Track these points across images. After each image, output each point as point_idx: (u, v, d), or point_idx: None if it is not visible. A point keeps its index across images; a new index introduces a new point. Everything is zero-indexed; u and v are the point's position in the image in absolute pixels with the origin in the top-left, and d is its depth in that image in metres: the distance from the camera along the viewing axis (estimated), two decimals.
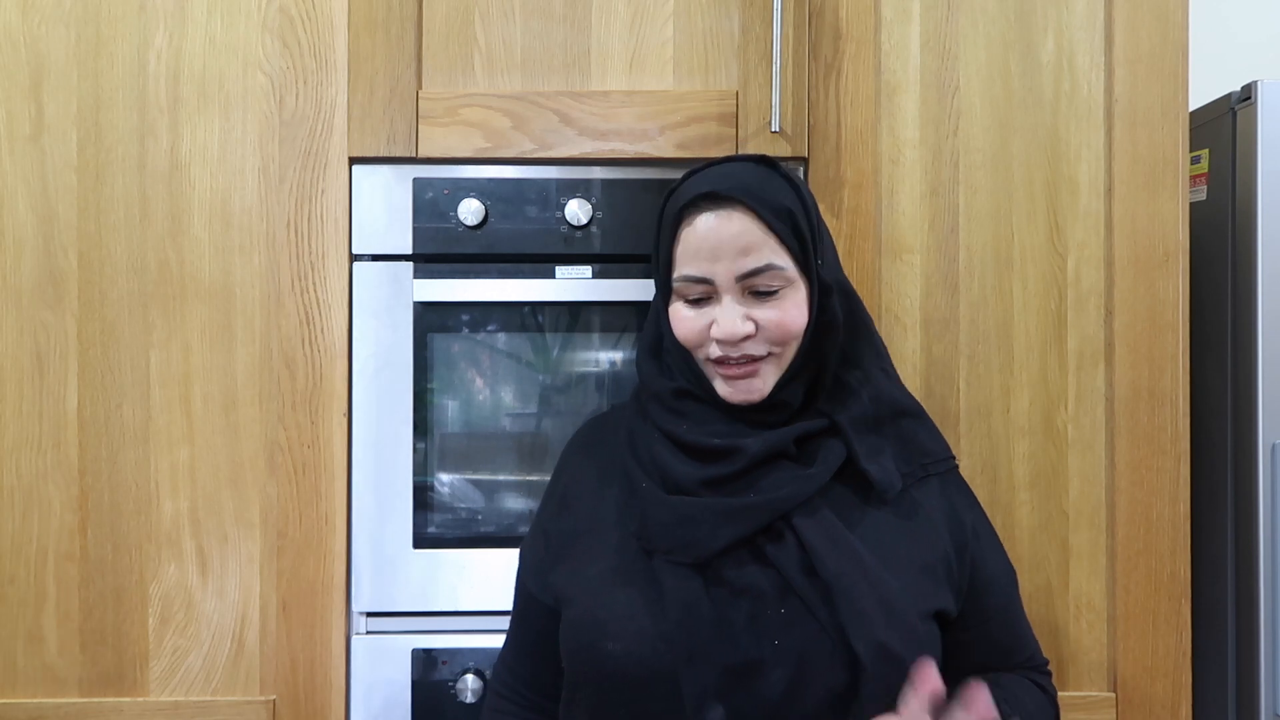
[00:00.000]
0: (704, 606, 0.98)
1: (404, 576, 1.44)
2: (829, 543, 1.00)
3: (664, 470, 1.05)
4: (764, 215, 1.02)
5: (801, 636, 0.97)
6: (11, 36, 1.44)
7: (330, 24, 1.45)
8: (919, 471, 1.09)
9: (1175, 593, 1.43)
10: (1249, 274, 1.49)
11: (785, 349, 1.04)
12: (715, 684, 0.96)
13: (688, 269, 1.04)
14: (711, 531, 1.00)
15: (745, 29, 1.45)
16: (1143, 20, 1.44)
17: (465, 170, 1.46)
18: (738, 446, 1.03)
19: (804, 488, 1.02)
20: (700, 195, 1.03)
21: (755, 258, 1.02)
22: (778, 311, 1.03)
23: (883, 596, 0.99)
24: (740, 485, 1.03)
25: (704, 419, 1.06)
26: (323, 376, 1.44)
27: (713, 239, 1.02)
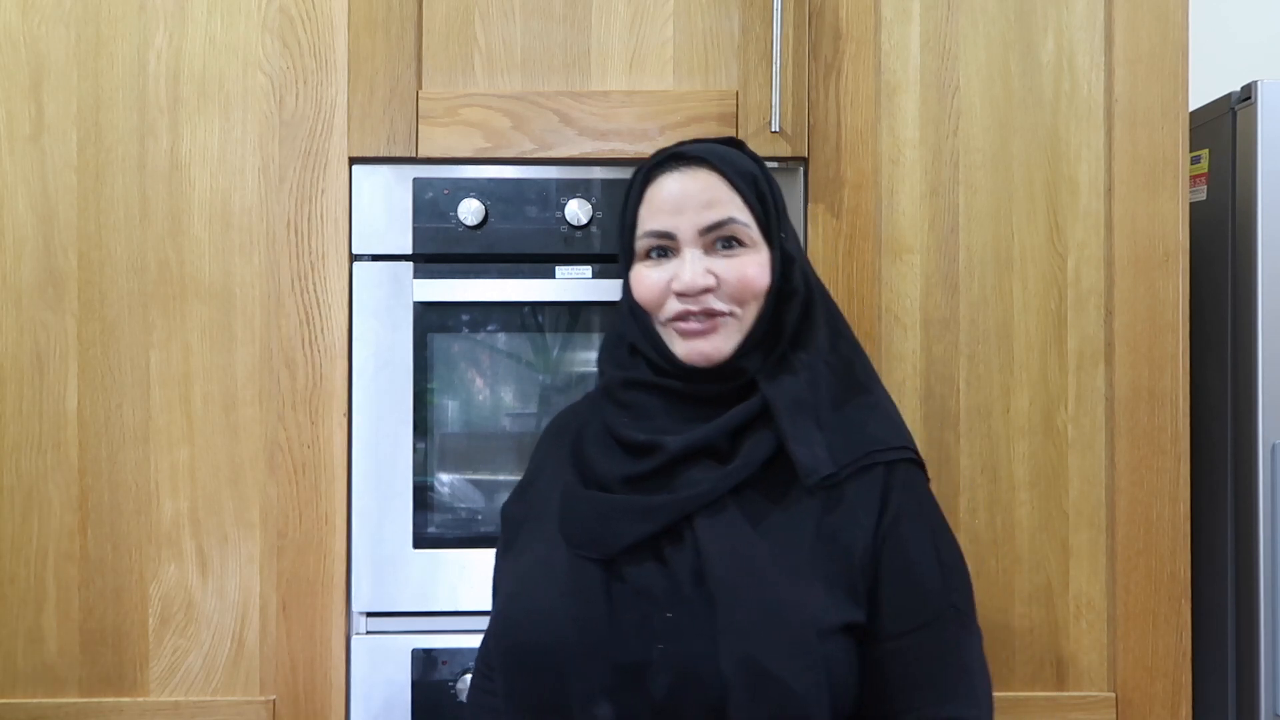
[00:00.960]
0: (602, 604, 0.98)
1: (404, 576, 1.44)
2: (723, 549, 0.97)
3: (589, 466, 1.05)
4: (728, 174, 1.04)
5: (685, 643, 0.95)
6: (11, 36, 1.44)
7: (330, 24, 1.44)
8: (864, 461, 1.02)
9: (1175, 593, 1.43)
10: (1249, 274, 1.49)
11: (745, 310, 1.03)
12: (605, 682, 0.96)
13: (651, 224, 1.04)
14: (616, 529, 1.00)
15: (745, 29, 1.45)
16: (1143, 20, 1.44)
17: (465, 170, 1.46)
18: (658, 444, 1.02)
19: (715, 487, 0.99)
20: (667, 156, 1.06)
21: (719, 211, 1.03)
22: (739, 266, 1.02)
23: (770, 609, 0.95)
24: (657, 483, 1.02)
25: (646, 411, 1.05)
26: (323, 376, 1.44)
27: (678, 193, 1.04)
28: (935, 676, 0.99)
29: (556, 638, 0.99)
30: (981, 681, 1.02)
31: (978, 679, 1.02)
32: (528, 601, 1.03)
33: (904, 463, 1.05)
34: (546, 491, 1.10)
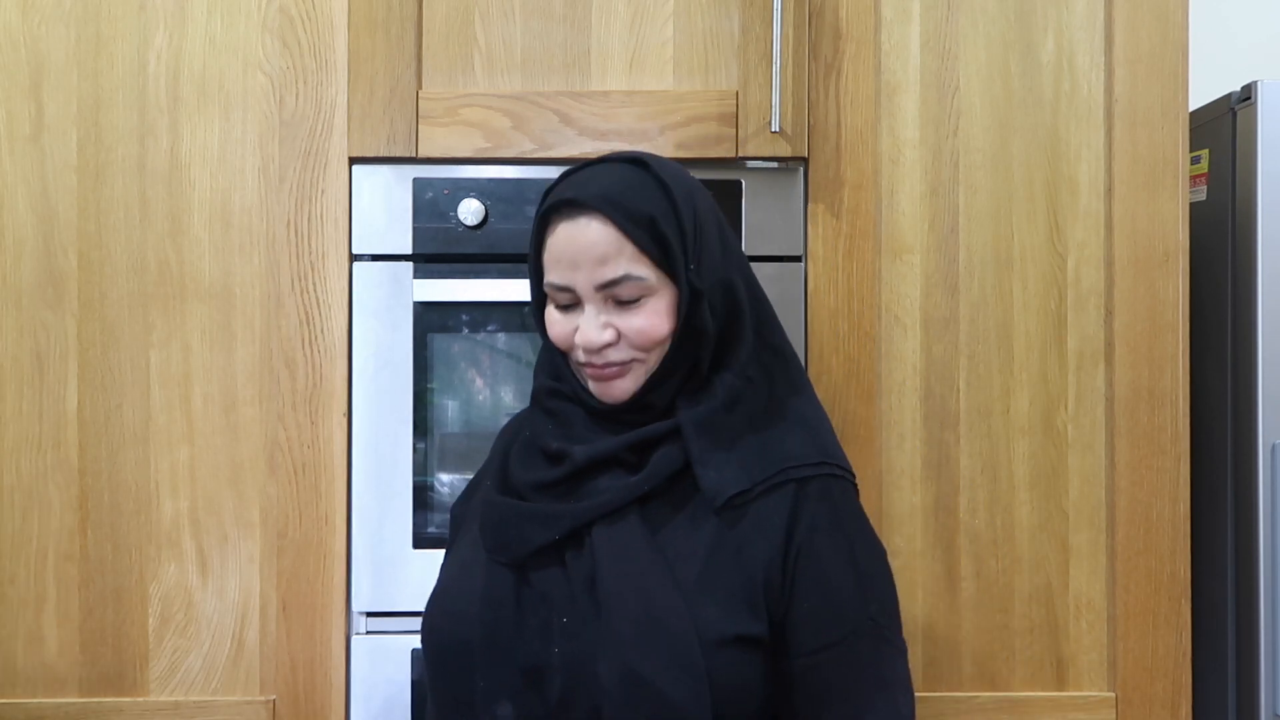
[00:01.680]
0: (510, 607, 1.01)
1: (404, 576, 1.44)
2: (616, 556, 0.99)
3: (505, 471, 1.08)
4: (621, 223, 1.00)
5: (577, 647, 0.97)
6: (11, 36, 1.44)
7: (330, 24, 1.44)
8: (777, 478, 1.01)
9: (1175, 593, 1.43)
10: (1249, 274, 1.49)
11: (649, 354, 1.03)
12: (509, 682, 0.99)
13: (552, 276, 1.04)
14: (523, 535, 1.02)
15: (745, 29, 1.45)
16: (1143, 20, 1.44)
17: (465, 170, 1.46)
18: (567, 453, 1.03)
19: (615, 497, 1.00)
20: (561, 201, 1.02)
21: (612, 268, 1.00)
22: (639, 320, 1.01)
23: (654, 618, 0.96)
24: (565, 490, 1.03)
25: (569, 420, 1.07)
26: (323, 376, 1.44)
27: (571, 248, 1.01)
28: (850, 691, 0.99)
29: (466, 638, 1.01)
30: (901, 696, 1.01)
31: (897, 693, 1.01)
32: (446, 602, 1.06)
33: (820, 478, 1.03)
34: (481, 495, 1.12)
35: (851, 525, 1.03)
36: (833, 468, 1.04)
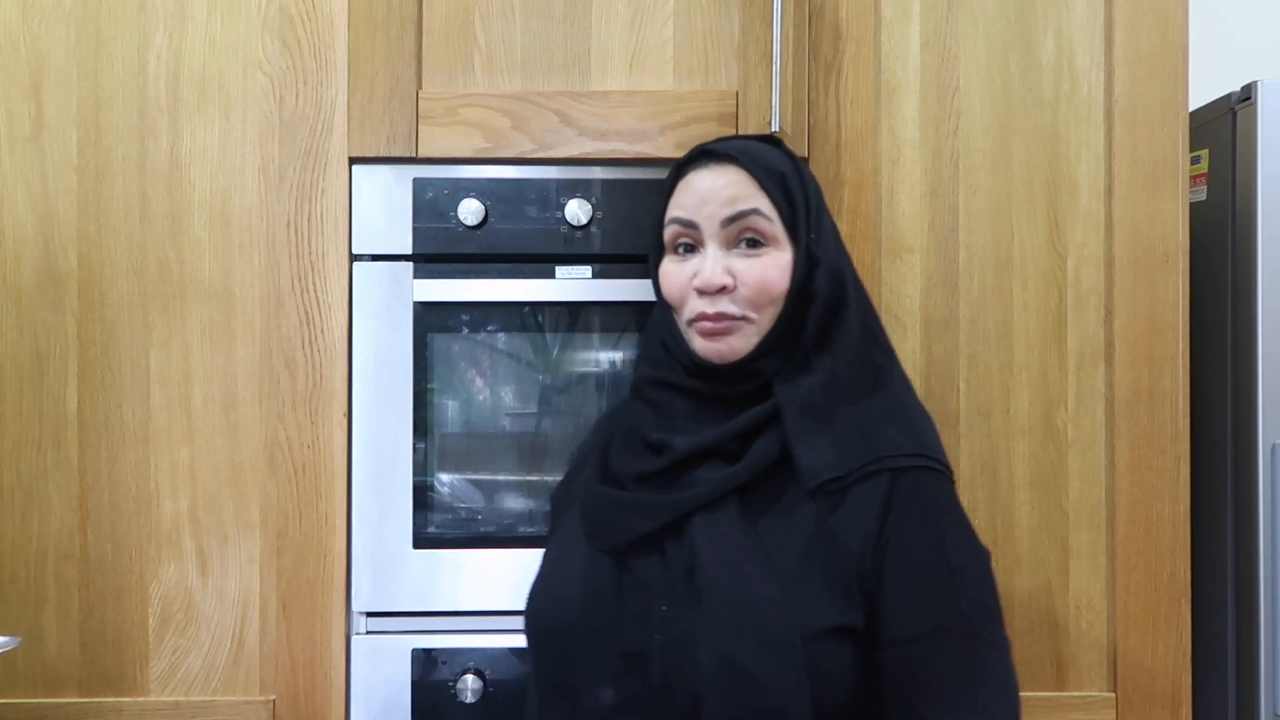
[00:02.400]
0: (611, 594, 1.03)
1: (404, 576, 1.44)
2: (715, 547, 0.99)
3: (606, 461, 1.10)
4: (755, 172, 1.05)
5: (677, 635, 0.98)
6: (11, 36, 1.44)
7: (330, 24, 1.45)
8: (872, 466, 1.00)
9: (1175, 593, 1.43)
10: (1249, 274, 1.49)
11: (762, 314, 1.04)
12: (610, 667, 1.01)
13: (677, 212, 1.07)
14: (622, 524, 1.04)
15: (745, 29, 1.45)
16: (1143, 20, 1.44)
17: (465, 170, 1.46)
18: (668, 444, 1.05)
19: (714, 488, 1.02)
20: (699, 151, 1.09)
21: (742, 203, 1.04)
22: (758, 267, 1.03)
23: (754, 608, 0.96)
24: (666, 481, 1.05)
25: (670, 410, 1.09)
26: (323, 376, 1.44)
27: (704, 186, 1.06)
28: (938, 687, 0.97)
29: (568, 623, 1.04)
30: (995, 697, 0.98)
31: (990, 693, 0.98)
32: (549, 588, 1.09)
33: (915, 470, 1.01)
34: (579, 485, 1.15)
35: (945, 519, 1.02)
36: (930, 460, 1.03)
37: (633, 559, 1.03)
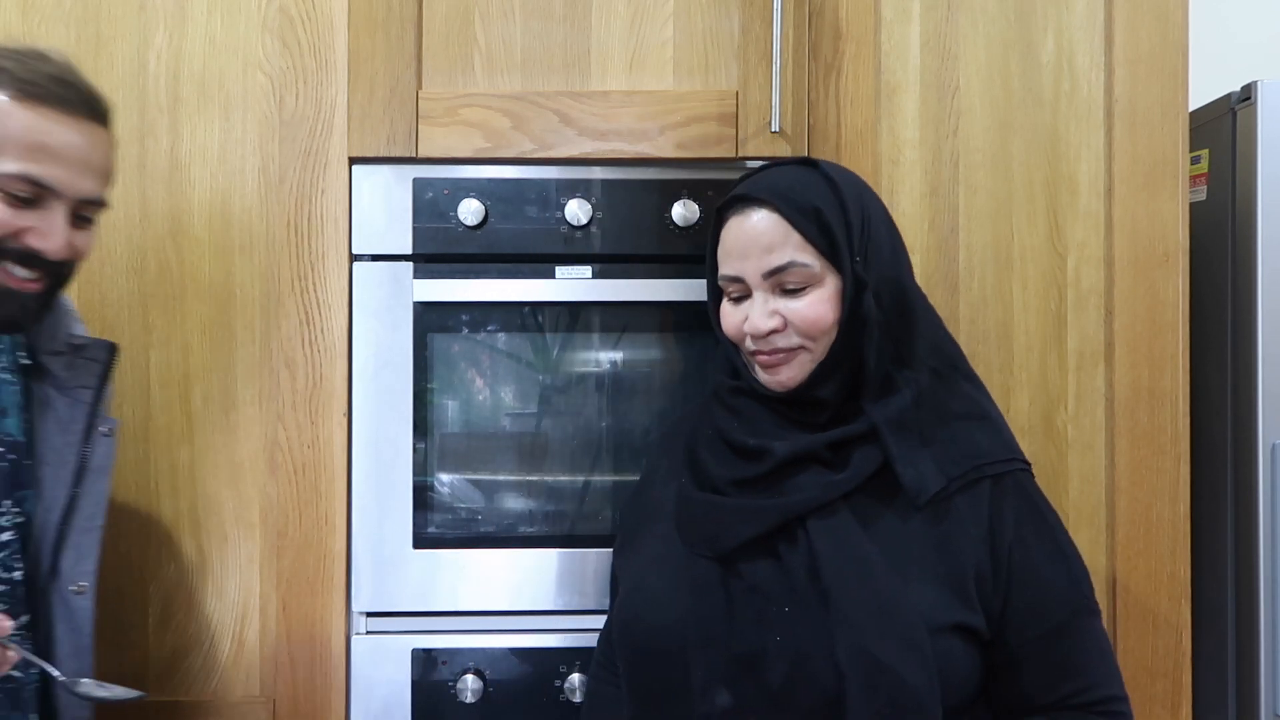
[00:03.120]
0: (718, 597, 1.04)
1: (404, 576, 1.44)
2: (836, 547, 1.03)
3: (702, 468, 1.11)
4: (787, 214, 1.07)
5: (800, 635, 1.01)
6: (11, 36, 1.43)
7: (330, 24, 1.45)
8: (971, 474, 1.07)
9: (1175, 593, 1.43)
10: (1249, 274, 1.49)
11: (816, 343, 1.08)
12: (723, 670, 1.02)
13: (724, 269, 1.11)
14: (730, 529, 1.06)
15: (745, 29, 1.45)
16: (1143, 20, 1.44)
17: (465, 170, 1.46)
18: (767, 449, 1.08)
19: (824, 493, 1.05)
20: (734, 198, 1.11)
21: (778, 255, 1.07)
22: (804, 305, 1.07)
23: (882, 605, 1.00)
24: (767, 486, 1.07)
25: (755, 417, 1.12)
26: (323, 376, 1.44)
27: (742, 239, 1.09)
28: (1080, 665, 1.06)
29: (677, 628, 1.05)
30: (1113, 659, 1.10)
31: (1110, 657, 1.10)
32: (649, 594, 1.10)
33: (1012, 473, 1.09)
34: (661, 494, 1.16)
35: (1048, 514, 1.11)
36: (1019, 462, 1.11)
37: (740, 564, 1.05)
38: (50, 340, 1.18)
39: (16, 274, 1.06)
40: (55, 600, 1.14)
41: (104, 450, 1.18)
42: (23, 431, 1.15)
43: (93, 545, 1.16)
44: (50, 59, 1.08)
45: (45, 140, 1.04)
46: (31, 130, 1.04)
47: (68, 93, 1.06)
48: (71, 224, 1.08)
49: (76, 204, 1.07)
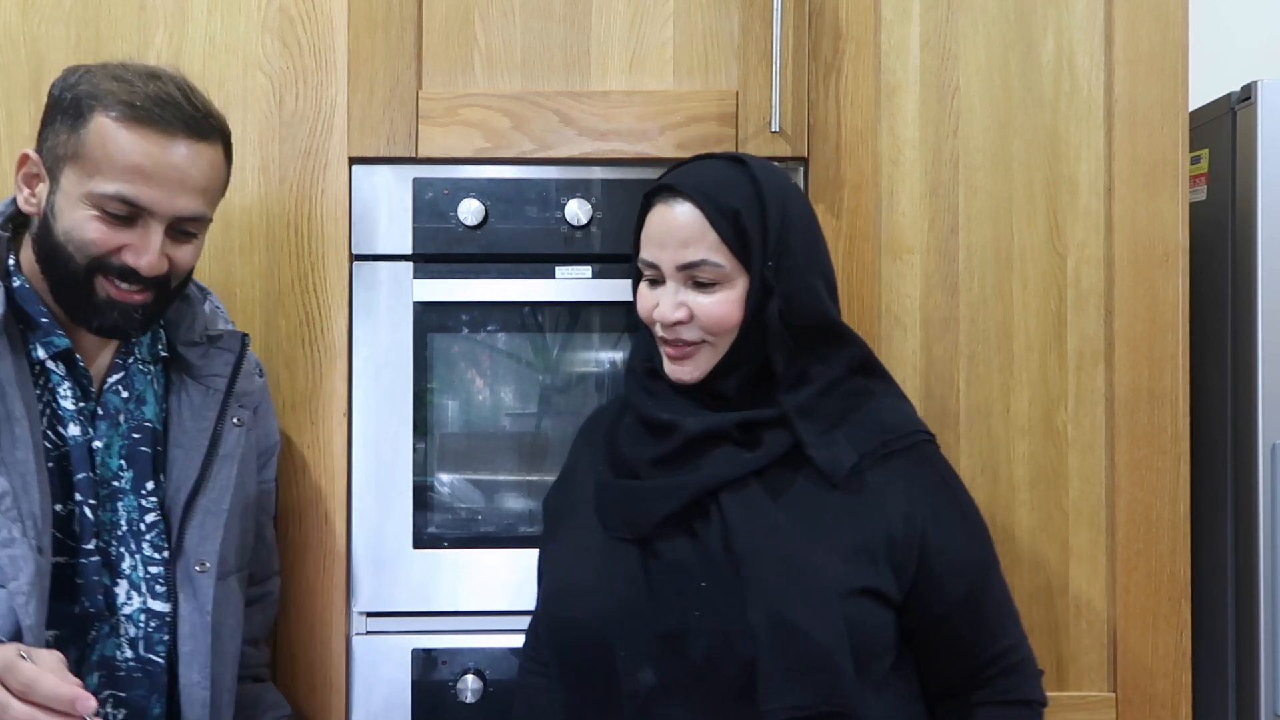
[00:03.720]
0: (639, 578, 1.08)
1: (404, 576, 1.44)
2: (747, 519, 1.06)
3: (619, 453, 1.14)
4: (708, 212, 1.10)
5: (719, 608, 1.04)
6: (11, 36, 1.44)
7: (330, 24, 1.45)
8: (879, 449, 1.11)
9: (1175, 593, 1.43)
10: (1249, 274, 1.49)
11: (719, 339, 1.11)
12: (645, 650, 1.05)
13: (644, 253, 1.14)
14: (647, 508, 1.09)
15: (745, 29, 1.45)
16: (1143, 20, 1.44)
17: (465, 170, 1.46)
18: (678, 423, 1.11)
19: (736, 468, 1.09)
20: (661, 186, 1.14)
21: (693, 251, 1.10)
22: (710, 303, 1.10)
23: (791, 570, 1.04)
24: (680, 464, 1.10)
25: (668, 397, 1.15)
26: (323, 376, 1.44)
27: (662, 228, 1.12)
28: (991, 618, 1.14)
29: (600, 612, 1.08)
30: (1011, 607, 1.17)
31: (1009, 606, 1.17)
32: (572, 581, 1.13)
33: (917, 445, 1.14)
34: (582, 484, 1.18)
35: (952, 479, 1.17)
36: (923, 433, 1.16)
37: (658, 543, 1.09)
38: (188, 331, 1.22)
39: (119, 286, 1.10)
40: (180, 578, 1.17)
41: (234, 438, 1.22)
42: (160, 419, 1.20)
43: (217, 527, 1.19)
44: (160, 79, 1.10)
45: (141, 162, 1.07)
46: (128, 152, 1.06)
47: (167, 113, 1.08)
48: (171, 239, 1.11)
49: (174, 220, 1.10)
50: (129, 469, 1.16)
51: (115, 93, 1.07)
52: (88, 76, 1.10)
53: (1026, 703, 1.15)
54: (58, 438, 1.12)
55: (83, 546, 1.12)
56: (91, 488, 1.13)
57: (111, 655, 1.14)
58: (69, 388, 1.14)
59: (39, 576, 1.05)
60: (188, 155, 1.09)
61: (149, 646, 1.15)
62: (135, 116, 1.07)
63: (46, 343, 1.12)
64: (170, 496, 1.18)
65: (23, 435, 1.07)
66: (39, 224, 1.11)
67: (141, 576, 1.15)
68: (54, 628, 1.09)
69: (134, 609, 1.14)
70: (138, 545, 1.15)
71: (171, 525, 1.17)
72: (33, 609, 1.03)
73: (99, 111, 1.07)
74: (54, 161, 1.10)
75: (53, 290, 1.12)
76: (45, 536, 1.07)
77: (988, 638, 1.13)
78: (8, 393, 1.08)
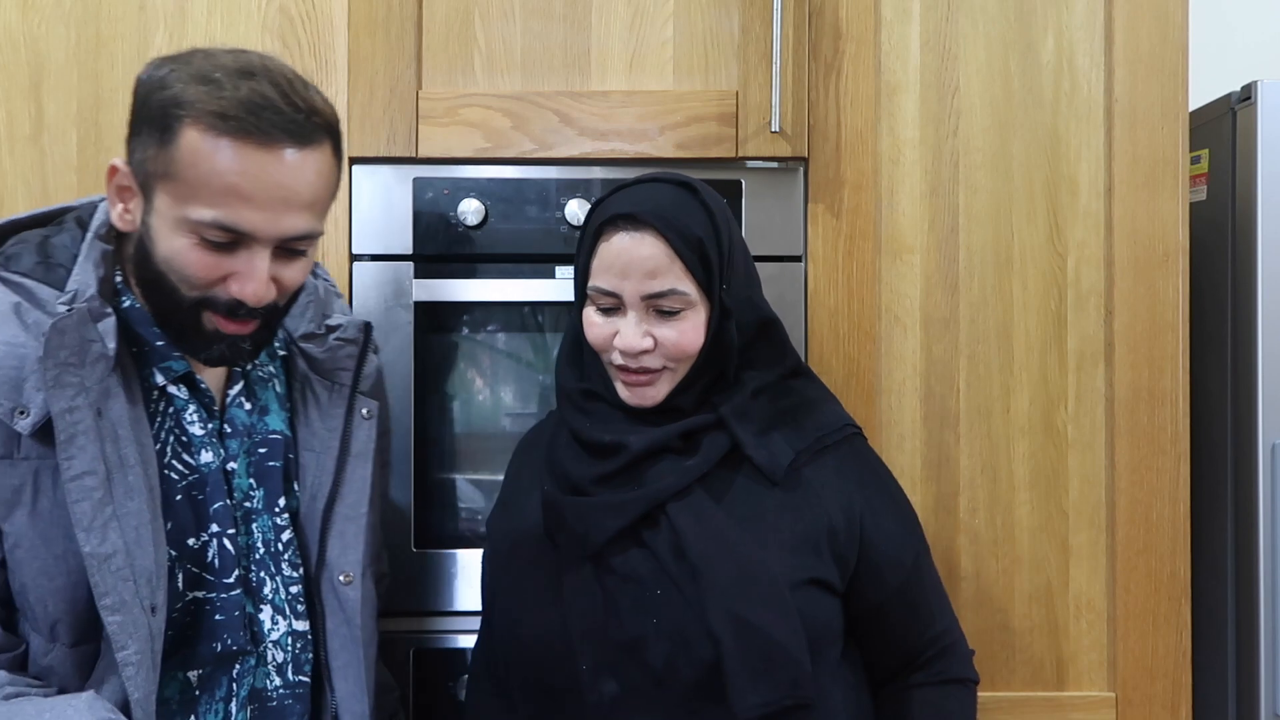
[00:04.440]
0: (594, 592, 1.09)
1: (404, 576, 1.44)
2: (695, 525, 1.08)
3: (564, 471, 1.14)
4: (674, 242, 1.09)
5: (676, 614, 1.07)
6: (11, 36, 1.44)
7: (330, 24, 1.45)
8: (814, 445, 1.15)
9: (1175, 593, 1.43)
10: (1249, 274, 1.49)
11: (680, 364, 1.13)
12: (606, 660, 1.07)
13: (600, 281, 1.12)
14: (597, 525, 1.10)
15: (745, 29, 1.45)
16: (1143, 20, 1.44)
17: (465, 170, 1.46)
18: (622, 443, 1.12)
19: (681, 478, 1.10)
20: (619, 214, 1.10)
21: (660, 281, 1.09)
22: (676, 332, 1.11)
23: (743, 569, 1.06)
24: (626, 480, 1.12)
25: (606, 417, 1.15)
26: None
27: (624, 258, 1.10)
28: (925, 603, 1.18)
29: (559, 628, 1.09)
30: (942, 591, 1.22)
31: (940, 590, 1.21)
32: (529, 606, 1.13)
33: (848, 439, 1.18)
34: (524, 504, 1.18)
35: (882, 470, 1.21)
36: (851, 427, 1.19)
37: (611, 557, 1.10)
38: (304, 322, 1.13)
39: (227, 319, 0.98)
40: (326, 591, 1.11)
41: (364, 434, 1.14)
42: (287, 424, 1.12)
43: (358, 534, 1.12)
44: (254, 75, 0.94)
45: (237, 182, 0.93)
46: (222, 171, 0.92)
47: (264, 121, 0.93)
48: (278, 258, 0.98)
49: (280, 240, 0.97)
50: (259, 487, 1.08)
51: (203, 100, 0.92)
52: (174, 76, 0.94)
53: (961, 681, 1.19)
54: (186, 467, 1.04)
55: (223, 580, 1.04)
56: (229, 515, 1.05)
57: (262, 686, 1.07)
58: (194, 410, 1.05)
59: (150, 641, 0.96)
60: (291, 168, 0.95)
61: (296, 669, 1.09)
62: (228, 129, 0.92)
63: (165, 368, 1.03)
64: (306, 505, 1.11)
65: (136, 483, 0.97)
66: (137, 244, 0.99)
67: (284, 599, 1.08)
68: (195, 667, 1.03)
69: (280, 634, 1.08)
70: (276, 567, 1.08)
71: (309, 537, 1.10)
72: (141, 680, 0.95)
73: (188, 124, 0.92)
74: (145, 178, 0.96)
75: (156, 317, 1.01)
76: (160, 593, 0.97)
77: (924, 622, 1.17)
78: (120, 436, 0.97)
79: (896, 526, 1.17)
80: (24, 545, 0.96)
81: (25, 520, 0.96)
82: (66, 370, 0.94)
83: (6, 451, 0.96)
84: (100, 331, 0.97)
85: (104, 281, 1.00)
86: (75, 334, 0.95)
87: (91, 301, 0.97)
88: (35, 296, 0.99)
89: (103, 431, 0.96)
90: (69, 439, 0.94)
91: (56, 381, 0.94)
